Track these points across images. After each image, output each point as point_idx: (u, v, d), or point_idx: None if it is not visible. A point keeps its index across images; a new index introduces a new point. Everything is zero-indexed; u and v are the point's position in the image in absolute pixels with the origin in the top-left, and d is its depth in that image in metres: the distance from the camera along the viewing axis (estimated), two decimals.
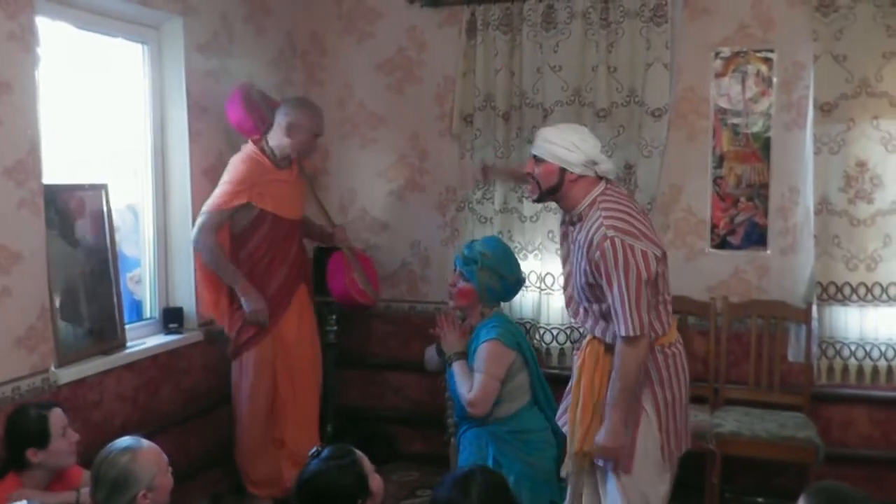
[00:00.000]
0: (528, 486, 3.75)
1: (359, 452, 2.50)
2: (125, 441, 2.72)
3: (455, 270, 4.02)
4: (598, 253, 3.03)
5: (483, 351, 3.81)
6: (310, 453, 2.49)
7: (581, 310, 3.33)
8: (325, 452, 2.46)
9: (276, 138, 4.21)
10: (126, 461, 2.62)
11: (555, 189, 3.23)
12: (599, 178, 3.23)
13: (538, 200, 3.41)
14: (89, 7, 3.78)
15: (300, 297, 4.41)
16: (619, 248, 2.99)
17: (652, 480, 3.25)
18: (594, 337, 3.27)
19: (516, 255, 4.32)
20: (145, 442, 2.73)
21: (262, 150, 4.20)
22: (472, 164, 4.86)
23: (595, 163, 3.19)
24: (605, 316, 3.16)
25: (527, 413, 3.89)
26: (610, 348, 3.19)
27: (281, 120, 4.19)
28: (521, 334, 4.02)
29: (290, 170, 4.32)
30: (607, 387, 3.16)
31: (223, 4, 4.46)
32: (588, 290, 3.19)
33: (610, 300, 3.05)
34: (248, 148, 4.20)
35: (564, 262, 3.41)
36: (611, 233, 3.02)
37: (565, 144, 3.16)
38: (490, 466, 3.62)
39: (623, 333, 3.02)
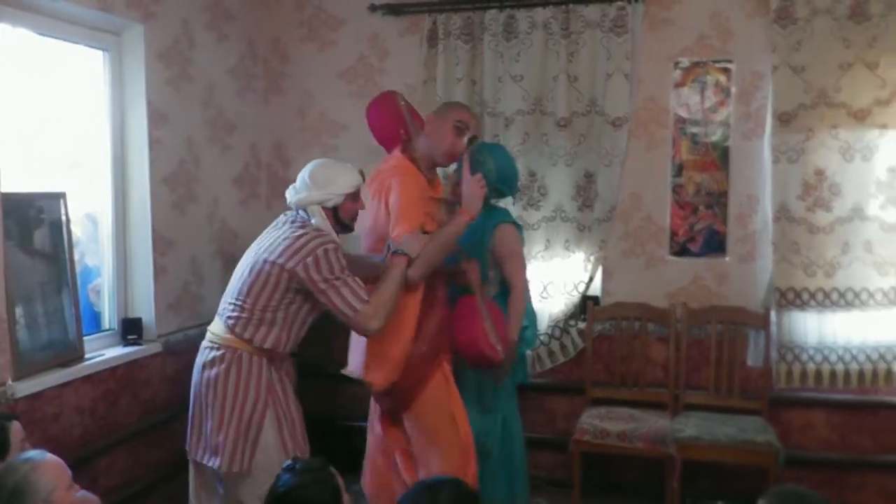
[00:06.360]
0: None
1: (333, 468, 2.47)
2: (29, 453, 2.67)
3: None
4: None
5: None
6: (284, 466, 2.45)
7: None
8: (301, 465, 2.42)
9: (433, 142, 3.67)
10: (25, 471, 2.55)
11: None
12: None
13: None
14: (50, 13, 3.70)
15: None
16: None
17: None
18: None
19: None
20: (49, 455, 2.66)
21: (413, 161, 3.67)
22: None
23: None
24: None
25: None
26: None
27: (443, 119, 3.67)
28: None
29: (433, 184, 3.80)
30: None
31: (184, 11, 4.41)
32: None
33: None
34: (399, 159, 3.69)
35: None
36: None
37: None
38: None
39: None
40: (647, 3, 4.62)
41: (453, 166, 4.58)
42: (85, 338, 3.86)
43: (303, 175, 3.38)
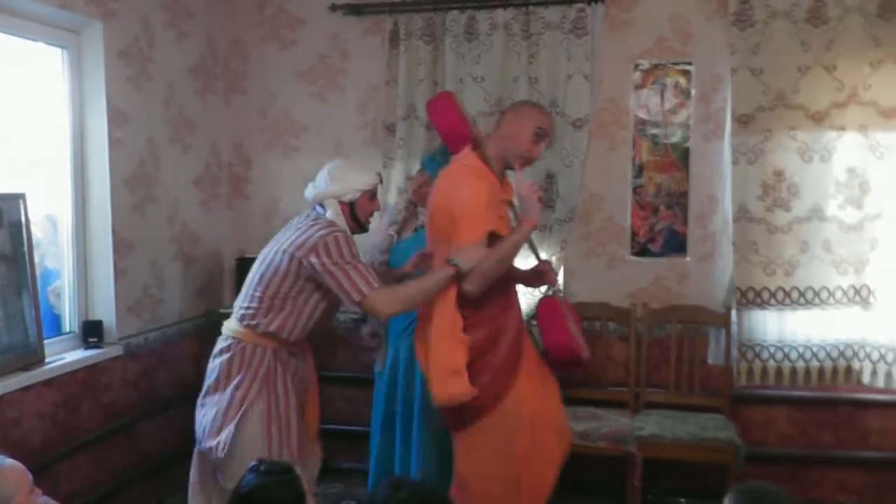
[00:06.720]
0: None
1: (298, 470, 2.45)
2: None
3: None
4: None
5: None
6: (249, 466, 2.43)
7: None
8: (265, 467, 2.40)
9: (509, 144, 3.40)
10: None
11: None
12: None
13: None
14: (7, 9, 3.64)
15: None
16: None
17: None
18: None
19: None
20: (9, 461, 2.63)
21: (485, 161, 3.40)
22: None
23: None
24: None
25: None
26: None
27: (523, 122, 3.40)
28: None
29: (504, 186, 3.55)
30: None
31: (144, 9, 4.36)
32: None
33: None
34: (471, 158, 3.42)
35: None
36: None
37: None
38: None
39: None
40: (606, 4, 4.65)
41: (416, 166, 4.59)
42: (45, 341, 3.79)
43: (322, 172, 3.41)
